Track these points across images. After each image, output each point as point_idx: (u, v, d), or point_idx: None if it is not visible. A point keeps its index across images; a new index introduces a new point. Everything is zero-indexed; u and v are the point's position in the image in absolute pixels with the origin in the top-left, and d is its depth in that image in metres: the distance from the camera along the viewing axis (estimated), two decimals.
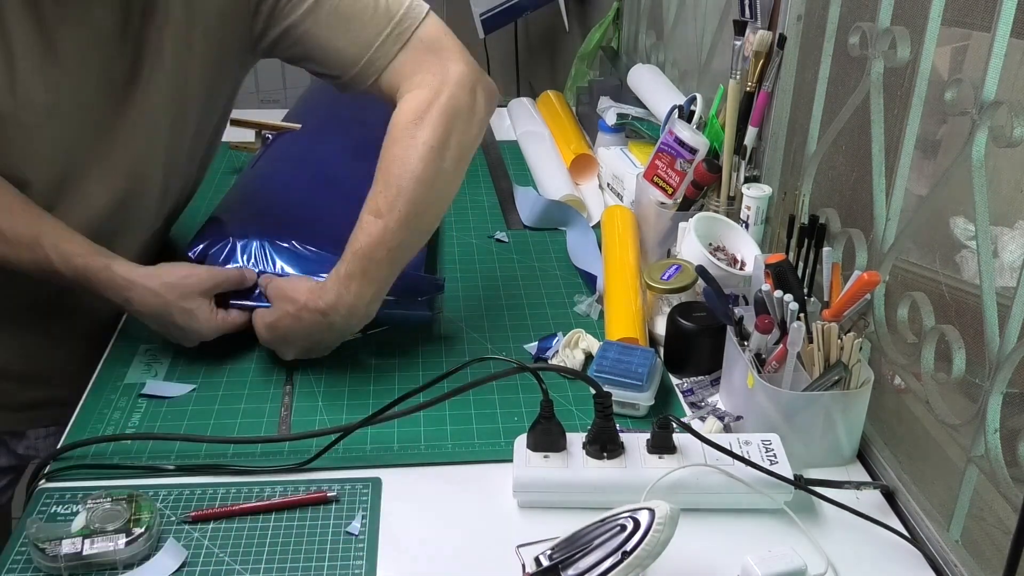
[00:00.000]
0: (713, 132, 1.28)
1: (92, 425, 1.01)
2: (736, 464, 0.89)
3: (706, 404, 1.07)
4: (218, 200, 1.31)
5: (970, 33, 0.89)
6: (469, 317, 1.23)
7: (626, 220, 1.37)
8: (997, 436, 0.80)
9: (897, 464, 0.95)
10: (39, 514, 0.88)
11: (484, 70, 1.10)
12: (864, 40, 1.01)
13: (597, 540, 0.77)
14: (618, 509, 0.79)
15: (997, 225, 0.85)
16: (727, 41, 1.34)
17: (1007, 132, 0.78)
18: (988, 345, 0.81)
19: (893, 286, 0.99)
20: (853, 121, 1.05)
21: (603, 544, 0.76)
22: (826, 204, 1.12)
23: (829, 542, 0.87)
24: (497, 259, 1.39)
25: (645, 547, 0.75)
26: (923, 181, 0.96)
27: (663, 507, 0.77)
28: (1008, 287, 0.80)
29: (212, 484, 0.93)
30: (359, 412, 1.03)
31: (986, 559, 0.82)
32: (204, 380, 1.09)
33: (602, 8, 2.21)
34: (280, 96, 3.11)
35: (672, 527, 0.77)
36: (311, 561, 0.84)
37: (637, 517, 0.77)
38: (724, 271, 1.14)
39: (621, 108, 1.64)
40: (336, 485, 0.93)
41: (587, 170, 1.65)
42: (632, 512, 0.78)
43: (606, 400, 0.90)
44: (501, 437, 1.01)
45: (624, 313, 1.17)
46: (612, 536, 0.77)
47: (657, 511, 0.76)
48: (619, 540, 0.76)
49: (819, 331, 0.94)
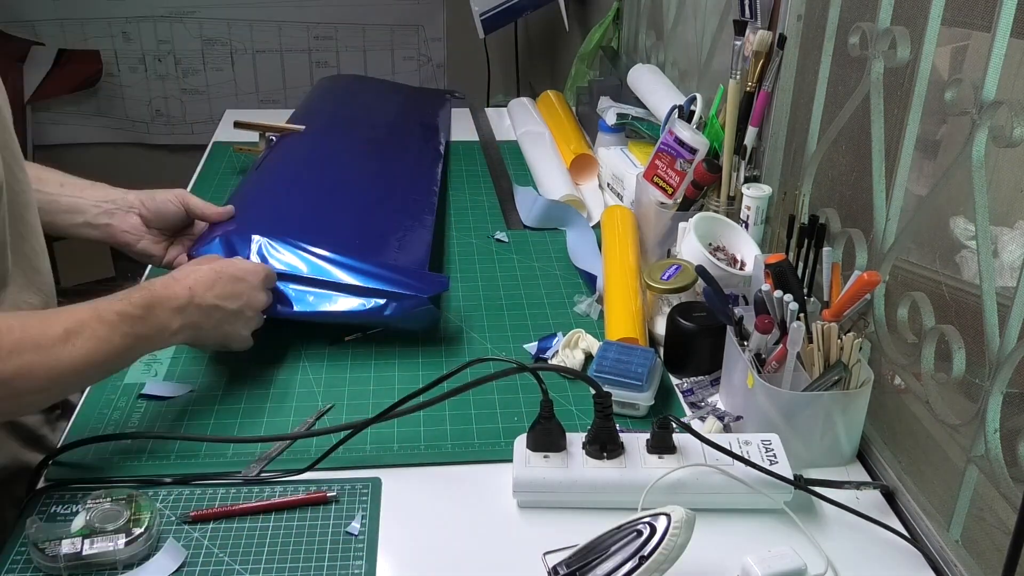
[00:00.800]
0: (713, 132, 1.28)
1: (92, 425, 1.01)
2: (736, 464, 0.89)
3: (706, 404, 1.07)
4: (222, 202, 1.31)
5: (970, 33, 0.89)
6: (469, 317, 1.23)
7: (626, 220, 1.37)
8: (997, 436, 0.80)
9: (897, 464, 0.95)
10: (39, 514, 0.88)
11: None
12: (864, 40, 1.01)
13: (615, 546, 0.77)
14: (635, 515, 0.79)
15: (997, 225, 0.85)
16: (727, 41, 1.34)
17: (1007, 132, 0.78)
18: (988, 345, 0.81)
19: (893, 286, 0.99)
20: (853, 121, 1.05)
21: (620, 549, 0.77)
22: (826, 204, 1.12)
23: (829, 542, 0.87)
24: (497, 259, 1.39)
25: (662, 551, 0.75)
26: (923, 181, 0.96)
27: (679, 511, 0.77)
28: (1008, 287, 0.80)
29: (212, 484, 0.93)
30: (359, 412, 1.04)
31: (986, 559, 0.82)
32: (204, 380, 1.09)
33: (602, 8, 2.21)
34: (280, 96, 3.11)
35: (688, 531, 0.77)
36: (311, 561, 0.84)
37: (654, 522, 0.77)
38: (724, 271, 1.14)
39: (621, 108, 1.64)
40: (336, 485, 0.93)
41: (587, 170, 1.65)
42: (649, 517, 0.78)
43: (606, 400, 0.90)
44: (501, 437, 1.01)
45: (624, 313, 1.17)
46: (629, 541, 0.77)
47: (673, 515, 0.77)
48: (636, 545, 0.76)
49: (819, 331, 0.94)
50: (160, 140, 3.12)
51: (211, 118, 2.96)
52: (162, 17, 2.97)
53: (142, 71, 3.03)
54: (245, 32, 3.01)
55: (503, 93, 2.88)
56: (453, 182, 1.65)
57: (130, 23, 2.97)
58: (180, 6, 2.96)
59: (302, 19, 3.01)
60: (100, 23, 2.96)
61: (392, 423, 1.01)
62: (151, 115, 3.10)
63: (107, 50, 2.99)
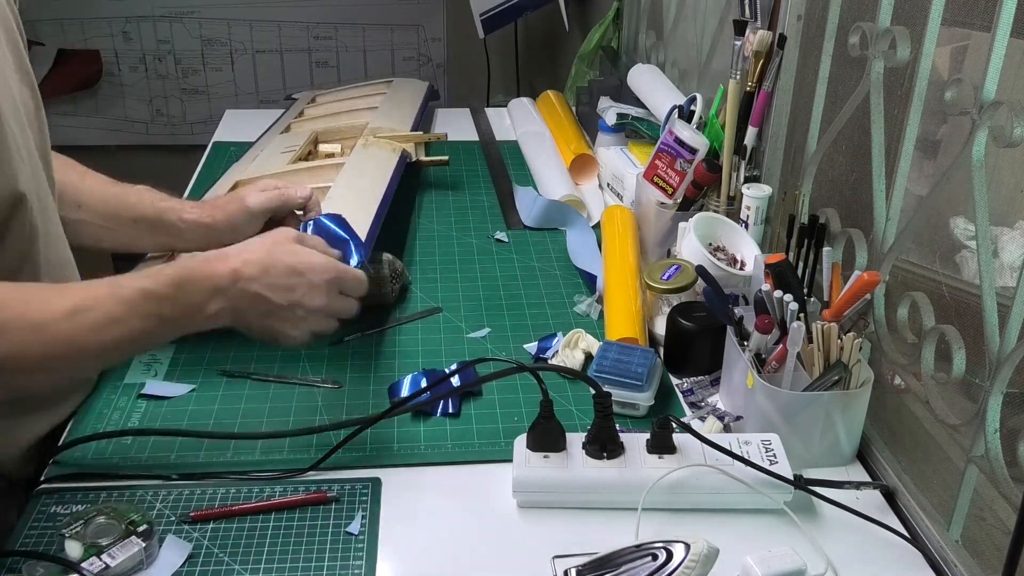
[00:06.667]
0: (713, 132, 1.27)
1: (92, 425, 1.01)
2: (736, 464, 0.89)
3: (706, 404, 1.07)
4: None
5: (970, 33, 0.89)
6: (469, 317, 1.23)
7: (626, 220, 1.37)
8: (997, 436, 0.80)
9: (897, 464, 0.95)
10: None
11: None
12: (864, 40, 1.01)
13: (627, 565, 0.76)
14: (656, 538, 0.78)
15: (997, 225, 0.85)
16: (727, 41, 1.34)
17: (1007, 132, 0.78)
18: (988, 345, 0.81)
19: (893, 286, 0.99)
20: (853, 121, 1.05)
21: (631, 571, 0.75)
22: (826, 204, 1.12)
23: (829, 542, 0.87)
24: (497, 259, 1.39)
25: None
26: (923, 181, 0.96)
27: (700, 544, 0.75)
28: (1008, 287, 0.80)
29: (212, 484, 0.93)
30: (359, 412, 1.04)
31: (986, 559, 0.82)
32: (204, 380, 1.09)
33: (602, 8, 2.21)
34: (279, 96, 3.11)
35: (706, 567, 0.75)
36: (311, 561, 0.84)
37: (672, 549, 0.75)
38: (724, 271, 1.14)
39: (621, 108, 1.64)
40: (336, 485, 0.93)
41: (587, 170, 1.65)
42: (667, 543, 0.76)
43: (606, 400, 0.90)
44: (501, 437, 1.01)
45: (624, 313, 1.17)
46: (642, 564, 0.75)
47: (693, 547, 0.75)
48: (648, 570, 0.75)
49: (819, 331, 0.94)
50: (160, 140, 3.12)
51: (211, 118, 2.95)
52: (162, 17, 2.97)
53: (142, 71, 3.03)
54: (245, 32, 3.01)
55: (503, 93, 2.88)
56: (453, 182, 1.65)
57: (130, 23, 2.97)
58: (180, 6, 2.95)
59: (302, 19, 3.01)
60: (100, 23, 2.96)
61: (392, 423, 1.01)
62: (151, 115, 3.09)
63: (107, 50, 2.99)
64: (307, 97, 1.91)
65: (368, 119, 1.66)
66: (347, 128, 1.63)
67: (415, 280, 1.31)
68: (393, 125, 1.65)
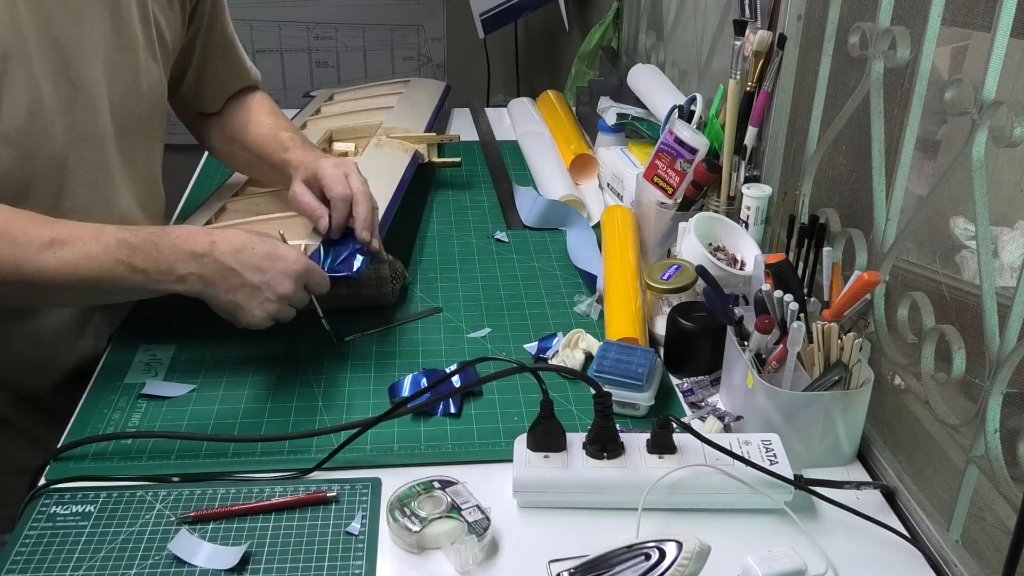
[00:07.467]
0: (713, 132, 1.28)
1: (92, 425, 1.01)
2: (736, 464, 0.89)
3: (706, 404, 1.07)
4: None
5: (970, 33, 0.89)
6: (469, 317, 1.23)
7: (626, 220, 1.37)
8: (997, 436, 0.80)
9: (897, 464, 0.95)
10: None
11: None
12: (864, 40, 1.01)
13: (620, 566, 0.76)
14: (648, 537, 0.77)
15: (997, 225, 0.85)
16: (727, 41, 1.35)
17: (1007, 132, 0.78)
18: (988, 345, 0.81)
19: (893, 286, 0.99)
20: (853, 121, 1.05)
21: (624, 571, 0.75)
22: (826, 204, 1.12)
23: (829, 542, 0.87)
24: (497, 259, 1.39)
25: None
26: (923, 181, 0.96)
27: (692, 542, 0.75)
28: (1008, 287, 0.80)
29: (212, 484, 0.93)
30: (359, 412, 1.04)
31: (986, 559, 0.82)
32: (204, 380, 1.09)
33: (602, 8, 2.21)
34: (280, 96, 3.11)
35: (699, 564, 0.75)
36: (311, 561, 0.84)
37: (664, 548, 0.75)
38: (724, 271, 1.14)
39: (621, 108, 1.64)
40: (336, 485, 0.93)
41: (587, 170, 1.65)
42: (660, 542, 0.76)
43: (606, 400, 0.90)
44: (501, 437, 1.01)
45: (624, 313, 1.17)
46: (635, 564, 0.75)
47: (685, 545, 0.75)
48: (641, 570, 0.75)
49: (819, 331, 0.94)
50: None
51: None
52: None
53: None
54: (245, 32, 3.01)
55: (503, 93, 2.88)
56: (453, 182, 1.65)
57: None
58: None
59: (302, 19, 3.01)
60: None
61: (392, 423, 1.01)
62: None
63: None
64: (325, 95, 1.92)
65: (383, 119, 1.66)
66: (361, 127, 1.64)
67: (415, 280, 1.31)
68: (407, 125, 1.65)
